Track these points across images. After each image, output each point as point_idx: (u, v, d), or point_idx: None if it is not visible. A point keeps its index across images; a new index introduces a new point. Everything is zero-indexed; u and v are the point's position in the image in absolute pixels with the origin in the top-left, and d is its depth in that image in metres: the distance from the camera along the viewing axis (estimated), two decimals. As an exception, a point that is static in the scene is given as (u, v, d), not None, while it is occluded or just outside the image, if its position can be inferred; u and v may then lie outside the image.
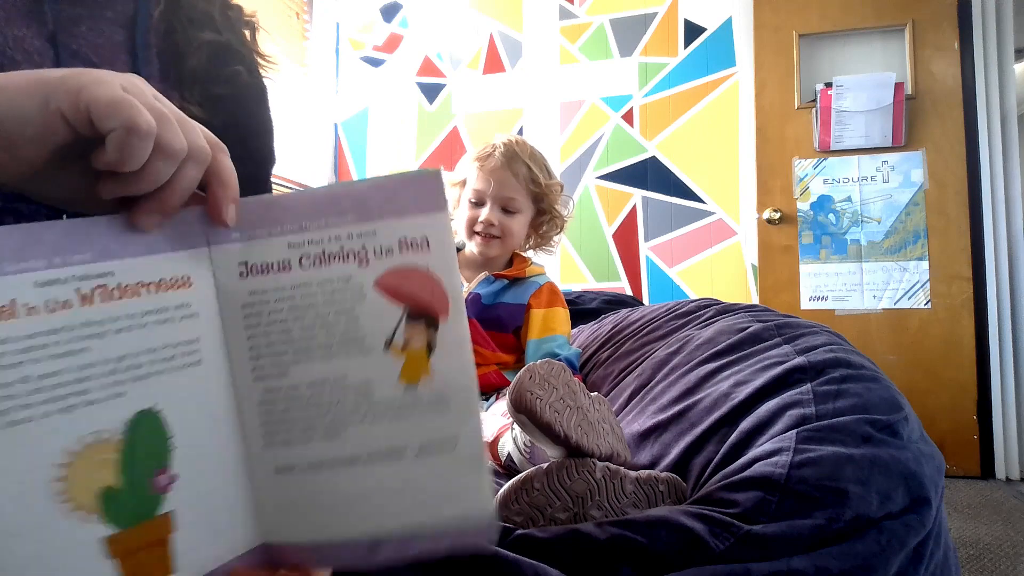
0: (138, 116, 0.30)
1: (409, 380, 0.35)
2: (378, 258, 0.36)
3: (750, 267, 2.35)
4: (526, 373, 0.56)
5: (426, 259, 0.36)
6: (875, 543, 0.49)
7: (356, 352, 0.36)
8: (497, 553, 0.44)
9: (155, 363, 0.33)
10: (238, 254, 0.36)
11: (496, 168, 1.10)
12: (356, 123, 2.86)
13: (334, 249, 0.36)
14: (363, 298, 0.36)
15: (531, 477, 0.54)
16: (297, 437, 0.35)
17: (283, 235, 0.36)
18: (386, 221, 0.36)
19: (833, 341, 0.77)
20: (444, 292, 0.36)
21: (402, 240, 0.36)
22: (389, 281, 0.36)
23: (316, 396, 0.35)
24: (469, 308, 1.08)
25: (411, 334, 0.35)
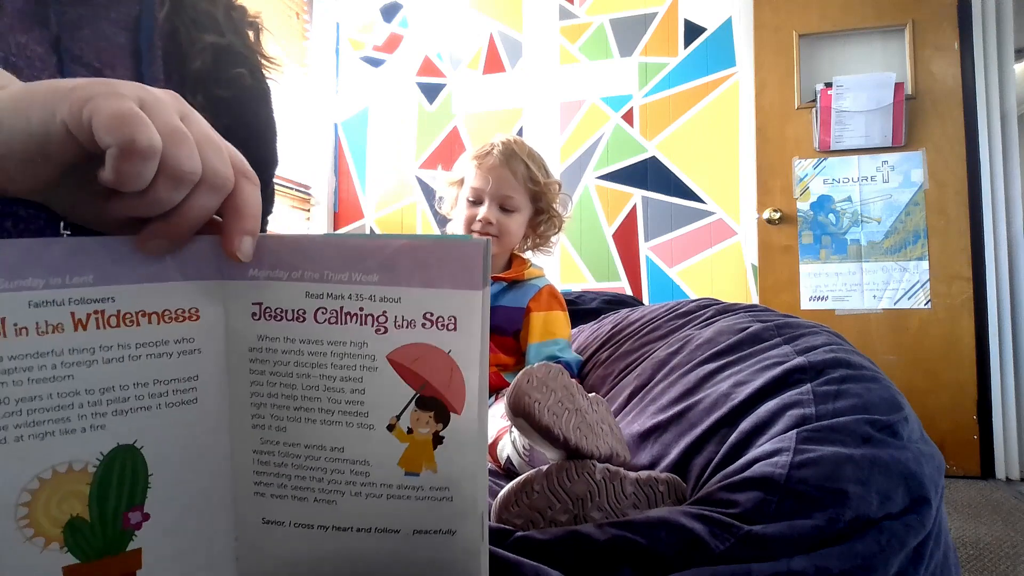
0: (138, 134, 0.27)
1: (410, 468, 0.33)
2: (398, 328, 0.32)
3: (750, 267, 2.35)
4: (524, 377, 0.56)
5: (451, 341, 0.32)
6: (875, 543, 0.49)
7: (357, 426, 0.33)
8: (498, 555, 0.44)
9: (143, 398, 0.31)
10: (252, 293, 0.33)
11: (495, 166, 1.09)
12: (356, 123, 2.86)
13: (353, 309, 0.33)
14: (374, 369, 0.32)
15: (531, 479, 0.54)
16: (289, 495, 0.33)
17: (302, 282, 0.33)
18: (413, 289, 0.32)
19: (833, 341, 0.77)
20: (463, 383, 0.32)
21: (427, 315, 0.32)
22: (405, 357, 0.32)
23: (312, 460, 0.33)
24: None
25: (418, 421, 0.32)
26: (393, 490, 0.33)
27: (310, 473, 0.33)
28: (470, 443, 0.32)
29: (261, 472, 0.33)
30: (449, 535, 0.33)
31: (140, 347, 0.31)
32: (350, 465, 0.33)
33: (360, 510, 0.33)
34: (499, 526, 0.49)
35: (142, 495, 0.31)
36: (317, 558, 0.34)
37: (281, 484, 0.33)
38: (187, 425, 0.32)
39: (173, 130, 0.29)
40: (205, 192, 0.31)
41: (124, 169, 0.27)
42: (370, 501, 0.33)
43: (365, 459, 0.33)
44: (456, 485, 0.33)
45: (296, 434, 0.33)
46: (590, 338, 1.21)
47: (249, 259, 0.32)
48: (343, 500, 0.33)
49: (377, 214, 2.80)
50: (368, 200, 2.82)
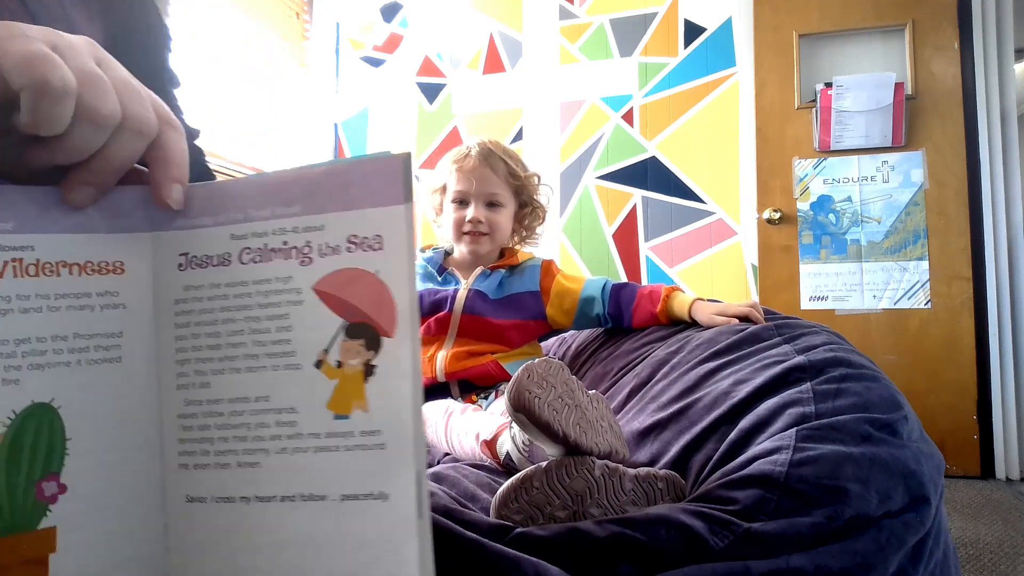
0: (50, 73, 0.26)
1: (339, 409, 0.30)
2: (322, 256, 0.31)
3: (750, 267, 2.35)
4: (524, 372, 0.56)
5: (377, 262, 0.31)
6: (874, 542, 0.49)
7: (283, 368, 0.30)
8: (497, 551, 0.44)
9: (61, 352, 0.29)
10: (180, 243, 0.32)
11: (475, 167, 1.12)
12: (356, 123, 2.86)
13: (277, 244, 0.31)
14: (300, 303, 0.31)
15: (530, 476, 0.54)
16: (212, 462, 0.30)
17: (227, 224, 0.32)
18: (336, 213, 0.31)
19: (833, 340, 0.77)
20: (393, 303, 0.30)
21: (352, 237, 0.31)
22: (330, 285, 0.31)
23: (236, 415, 0.31)
24: (472, 303, 1.09)
25: (348, 352, 0.30)
26: (321, 439, 0.30)
27: (233, 432, 0.30)
28: (403, 369, 0.30)
29: (186, 439, 0.31)
30: (381, 500, 0.29)
31: (60, 298, 0.29)
32: (276, 415, 0.30)
33: (285, 470, 0.30)
34: (498, 522, 0.49)
35: (59, 462, 0.29)
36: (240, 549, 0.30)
37: (204, 451, 0.31)
38: (110, 386, 0.30)
39: (88, 72, 0.28)
40: (127, 136, 0.30)
41: (40, 110, 0.27)
42: (296, 457, 0.30)
43: (292, 405, 0.30)
44: (389, 426, 0.29)
45: (220, 388, 0.31)
46: (590, 336, 1.21)
47: (180, 207, 0.32)
48: (268, 460, 0.30)
49: (377, 214, 2.80)
50: (368, 200, 2.81)
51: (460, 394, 1.07)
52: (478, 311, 1.09)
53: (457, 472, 0.71)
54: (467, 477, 0.70)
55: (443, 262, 1.19)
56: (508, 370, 1.06)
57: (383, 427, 0.30)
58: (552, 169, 2.58)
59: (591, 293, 1.11)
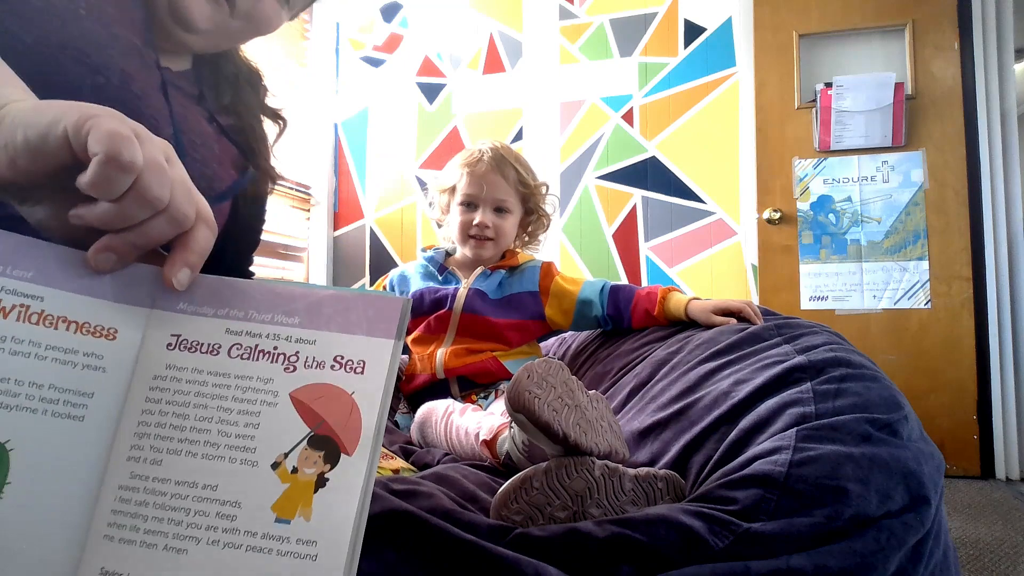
0: (124, 149, 0.30)
1: (283, 513, 0.31)
2: (307, 368, 0.33)
3: (750, 267, 2.35)
4: (524, 372, 0.56)
5: (356, 384, 0.33)
6: (874, 542, 0.49)
7: (240, 462, 0.32)
8: (496, 552, 0.44)
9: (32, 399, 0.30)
10: (176, 324, 0.34)
11: (487, 172, 1.13)
12: (356, 123, 2.86)
13: (268, 347, 0.34)
14: (274, 405, 0.33)
15: (530, 476, 0.54)
16: (139, 539, 0.30)
17: (226, 319, 0.34)
18: (329, 333, 0.34)
19: (833, 341, 0.77)
20: (359, 424, 0.32)
21: (338, 357, 0.33)
22: (307, 395, 0.33)
23: (178, 498, 0.31)
24: (472, 302, 1.10)
25: (306, 460, 0.32)
26: (256, 539, 0.30)
27: (170, 515, 0.31)
28: (354, 488, 0.31)
29: (118, 511, 0.31)
30: None
31: (49, 349, 0.31)
32: (218, 506, 0.31)
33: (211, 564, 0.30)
34: (498, 523, 0.49)
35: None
36: None
37: (134, 527, 0.31)
38: (65, 441, 0.31)
39: (155, 161, 0.32)
40: (164, 221, 0.33)
41: (102, 174, 0.30)
42: (226, 552, 0.30)
43: (237, 500, 0.31)
44: (326, 540, 0.30)
45: (170, 468, 0.31)
46: (590, 336, 1.21)
47: (183, 288, 0.34)
48: (196, 549, 0.30)
49: (377, 214, 2.80)
50: (368, 200, 2.82)
51: (460, 392, 1.08)
52: (478, 310, 1.09)
53: (457, 472, 0.70)
54: (467, 477, 0.70)
55: (444, 262, 1.19)
56: (507, 367, 1.07)
57: (320, 538, 0.31)
58: (552, 169, 2.58)
59: (589, 295, 1.11)
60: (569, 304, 1.12)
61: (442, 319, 1.10)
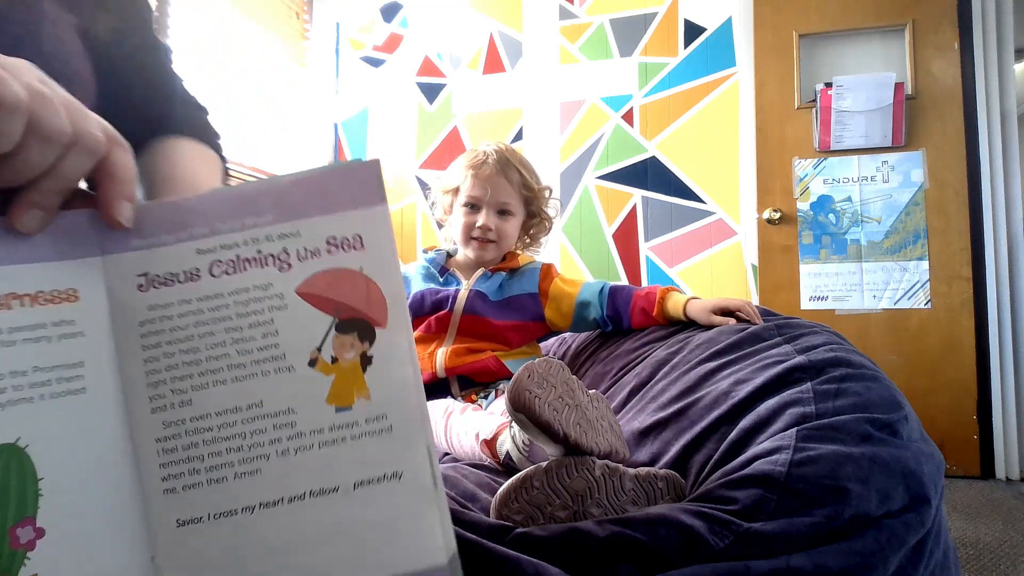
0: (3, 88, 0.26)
1: (340, 402, 0.30)
2: (302, 261, 0.32)
3: (750, 267, 2.35)
4: (524, 372, 0.56)
5: (360, 259, 0.32)
6: (874, 541, 0.49)
7: (274, 372, 0.30)
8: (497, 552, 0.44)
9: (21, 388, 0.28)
10: (137, 264, 0.31)
11: (491, 175, 1.13)
12: (356, 123, 2.86)
13: (250, 254, 0.31)
14: (284, 308, 0.31)
15: (530, 475, 0.54)
16: (204, 479, 0.29)
17: (191, 240, 0.31)
18: (312, 219, 0.32)
19: (833, 341, 0.77)
20: (382, 296, 0.31)
21: (331, 239, 0.32)
22: (315, 286, 0.31)
23: (227, 428, 0.30)
24: (473, 303, 1.10)
25: (342, 347, 0.31)
26: (325, 434, 0.30)
27: (227, 444, 0.30)
28: (401, 354, 0.31)
29: (168, 463, 0.30)
30: (395, 480, 0.30)
31: (14, 332, 0.28)
32: (272, 420, 0.30)
33: (290, 472, 0.30)
34: (499, 523, 0.49)
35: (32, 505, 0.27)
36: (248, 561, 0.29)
37: (193, 470, 0.29)
38: (77, 419, 0.29)
39: (37, 90, 0.28)
40: (75, 155, 0.29)
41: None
42: (300, 456, 0.30)
43: (289, 407, 0.30)
44: (394, 408, 0.30)
45: (204, 404, 0.30)
46: (590, 336, 1.21)
47: (131, 225, 0.31)
48: (269, 465, 0.30)
49: (377, 214, 2.80)
50: (368, 200, 2.82)
51: (460, 391, 1.08)
52: (478, 311, 1.10)
53: (457, 472, 0.71)
54: (467, 477, 0.70)
55: (445, 263, 1.19)
56: (508, 366, 1.07)
57: (388, 411, 0.30)
58: (552, 169, 2.58)
59: (587, 297, 1.12)
60: (568, 306, 1.12)
61: (442, 320, 1.10)
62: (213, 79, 2.28)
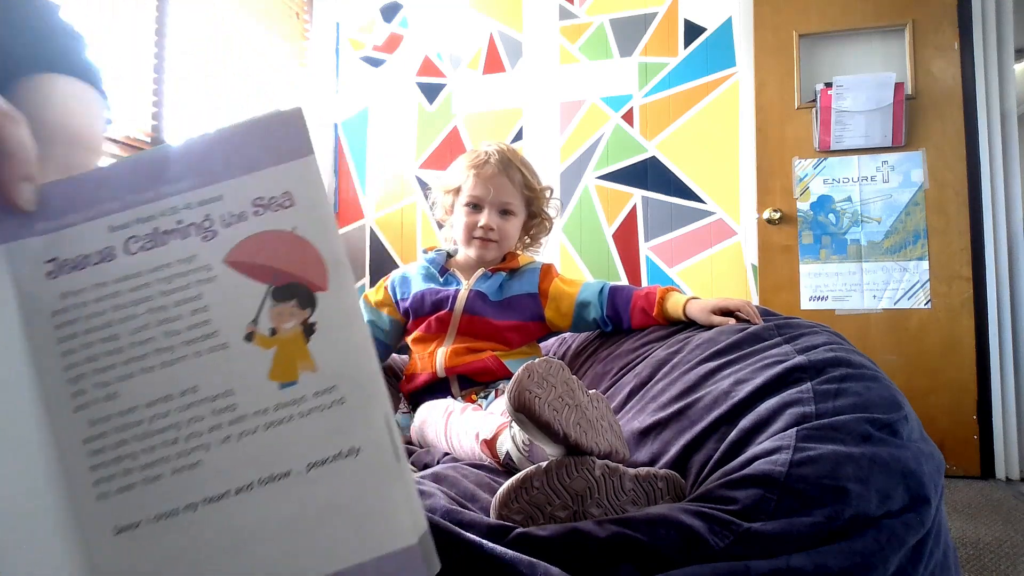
0: None
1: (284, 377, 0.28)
2: (227, 227, 0.29)
3: (750, 267, 2.35)
4: (524, 372, 0.56)
5: (291, 219, 0.29)
6: (874, 541, 0.49)
7: (207, 352, 0.28)
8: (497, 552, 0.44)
9: None
10: (44, 248, 0.28)
11: (494, 175, 1.13)
12: (356, 123, 2.86)
13: (169, 225, 0.28)
14: (211, 280, 0.28)
15: (530, 476, 0.54)
16: (139, 479, 0.27)
17: (103, 217, 0.28)
18: (235, 180, 0.29)
19: (833, 341, 0.77)
20: (319, 256, 0.29)
21: (257, 201, 0.29)
22: (245, 253, 0.29)
23: (159, 419, 0.27)
24: (473, 303, 1.11)
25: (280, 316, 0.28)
26: (270, 414, 0.27)
27: (161, 438, 0.27)
28: (347, 318, 0.28)
29: (98, 465, 0.27)
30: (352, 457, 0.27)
31: None
32: (210, 405, 0.27)
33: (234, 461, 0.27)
34: (499, 523, 0.49)
35: None
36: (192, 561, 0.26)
37: (126, 470, 0.27)
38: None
39: None
40: None
41: None
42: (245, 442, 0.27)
43: (227, 389, 0.27)
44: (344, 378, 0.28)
45: (132, 396, 0.27)
46: (590, 336, 1.21)
47: (32, 207, 0.28)
48: (210, 455, 0.27)
49: (377, 214, 2.80)
50: (368, 200, 2.82)
51: (460, 391, 1.08)
52: (478, 312, 1.10)
53: (457, 472, 0.71)
54: (467, 477, 0.70)
55: (445, 263, 1.20)
56: (508, 366, 1.07)
57: (338, 381, 0.28)
58: (552, 169, 2.58)
59: (587, 297, 1.12)
60: (568, 306, 1.13)
61: (442, 320, 1.10)
62: (213, 79, 2.28)
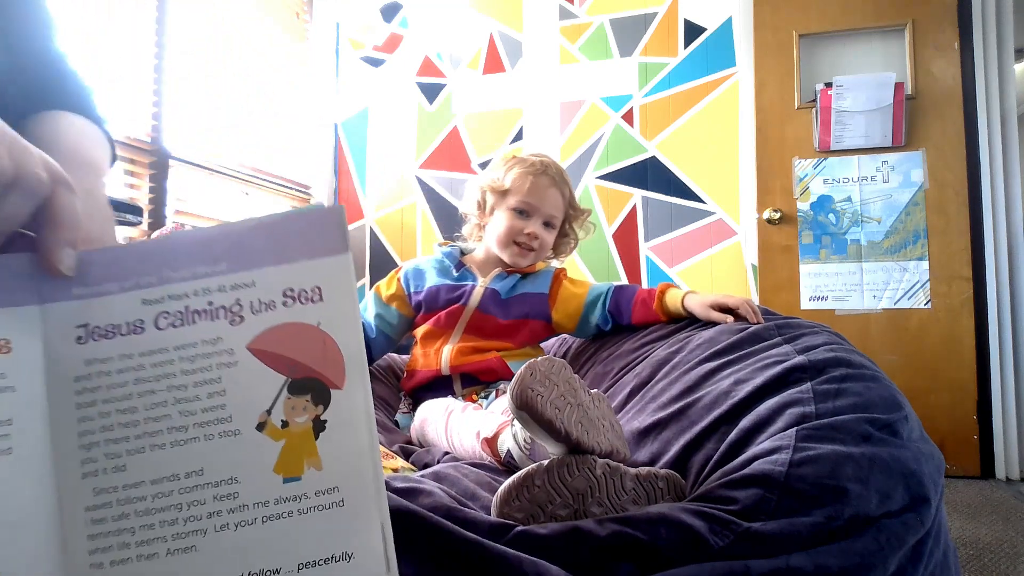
0: None
1: (289, 471, 0.28)
2: (255, 314, 0.29)
3: (750, 267, 2.35)
4: (527, 370, 0.56)
5: (318, 313, 0.29)
6: (874, 541, 0.49)
7: (218, 436, 0.28)
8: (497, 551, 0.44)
9: None
10: (77, 314, 0.29)
11: (550, 186, 1.15)
12: (356, 123, 2.86)
13: (200, 305, 0.29)
14: (233, 365, 0.29)
15: (532, 474, 0.54)
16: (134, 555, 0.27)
17: (137, 289, 0.29)
18: (268, 269, 0.30)
19: (833, 341, 0.77)
20: (339, 354, 0.29)
21: (287, 292, 0.29)
22: (268, 342, 0.29)
23: (162, 498, 0.27)
24: (486, 302, 1.12)
25: (294, 410, 0.29)
26: (270, 507, 0.28)
27: (160, 517, 0.27)
28: (357, 419, 0.29)
29: (97, 534, 0.27)
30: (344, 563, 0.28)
31: None
32: (213, 490, 0.28)
33: (228, 550, 0.27)
34: (499, 521, 0.49)
35: None
36: None
37: (123, 543, 0.27)
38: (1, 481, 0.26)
39: None
40: (17, 196, 0.27)
41: None
42: (241, 533, 0.27)
43: (232, 476, 0.28)
44: (347, 481, 0.28)
45: (139, 470, 0.28)
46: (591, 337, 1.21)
47: (71, 273, 0.29)
48: (205, 541, 0.27)
49: (377, 214, 2.80)
50: (368, 200, 2.82)
51: (462, 389, 1.08)
52: (490, 311, 1.12)
53: (457, 471, 0.71)
54: (467, 476, 0.70)
55: (460, 259, 1.21)
56: (512, 367, 1.07)
57: (340, 483, 0.28)
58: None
59: (593, 298, 1.14)
60: (575, 308, 1.14)
61: (453, 314, 1.11)
62: (213, 79, 2.28)
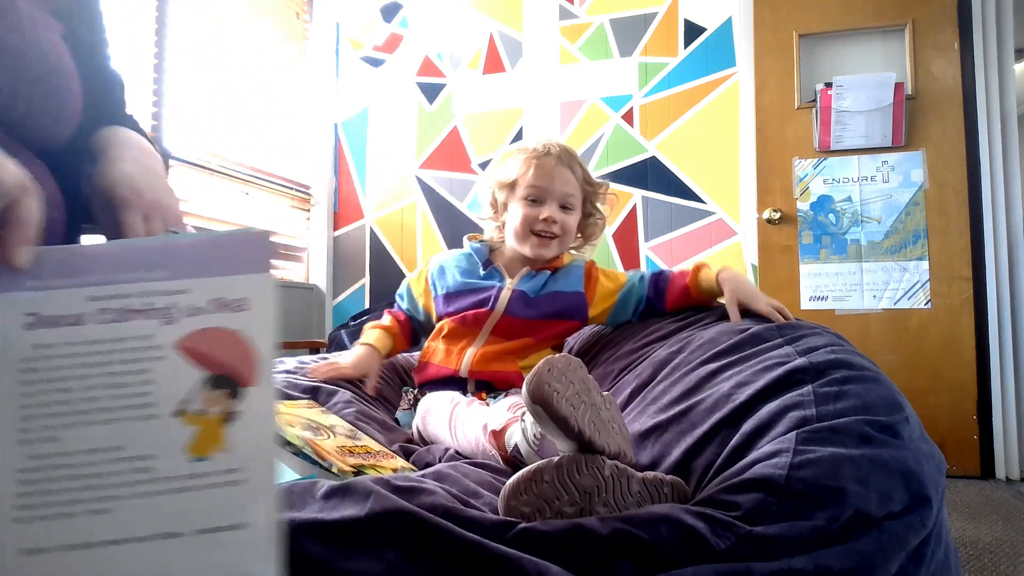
0: None
1: (200, 452, 0.33)
2: (189, 317, 0.34)
3: (750, 267, 2.35)
4: (545, 365, 0.56)
5: (242, 321, 0.34)
6: (875, 543, 0.49)
7: (140, 419, 0.33)
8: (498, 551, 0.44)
9: None
10: (28, 303, 0.33)
11: (556, 165, 1.09)
12: (356, 123, 2.86)
13: (138, 305, 0.34)
14: (161, 359, 0.33)
15: (541, 469, 0.55)
16: (58, 512, 0.31)
17: (84, 287, 0.34)
18: (201, 279, 0.35)
19: (834, 342, 0.77)
20: (253, 357, 0.34)
21: (217, 300, 0.34)
22: (194, 342, 0.34)
23: (88, 466, 0.32)
24: (514, 305, 1.07)
25: (210, 401, 0.33)
26: (179, 481, 0.32)
27: (84, 482, 0.32)
28: (264, 412, 0.34)
29: (25, 493, 0.31)
30: (237, 531, 0.32)
31: None
32: (131, 463, 0.32)
33: (140, 514, 0.32)
34: (501, 519, 0.49)
35: None
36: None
37: (48, 503, 0.31)
38: None
39: None
40: None
41: None
42: (152, 500, 0.32)
43: (149, 452, 0.33)
44: (249, 464, 0.33)
45: (70, 442, 0.32)
46: (591, 338, 1.21)
47: (26, 267, 0.33)
48: (121, 505, 0.32)
49: (377, 214, 2.80)
50: (368, 200, 2.82)
51: (475, 391, 1.06)
52: (518, 314, 1.07)
53: (458, 471, 0.71)
54: (468, 476, 0.70)
55: (488, 256, 1.15)
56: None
57: (243, 464, 0.33)
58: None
59: (629, 289, 1.10)
60: (613, 303, 1.11)
61: (480, 317, 1.07)
62: (213, 79, 2.28)
